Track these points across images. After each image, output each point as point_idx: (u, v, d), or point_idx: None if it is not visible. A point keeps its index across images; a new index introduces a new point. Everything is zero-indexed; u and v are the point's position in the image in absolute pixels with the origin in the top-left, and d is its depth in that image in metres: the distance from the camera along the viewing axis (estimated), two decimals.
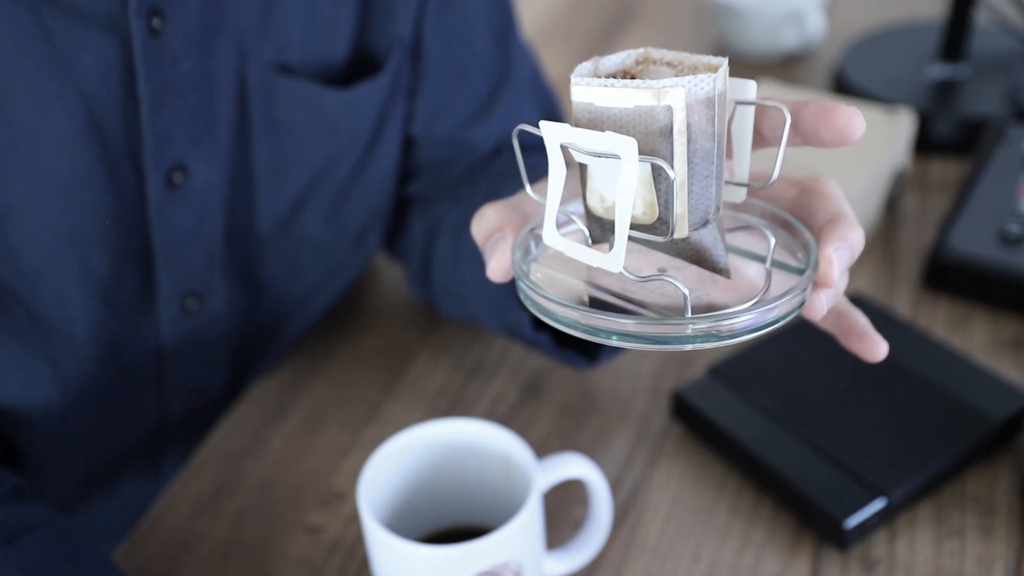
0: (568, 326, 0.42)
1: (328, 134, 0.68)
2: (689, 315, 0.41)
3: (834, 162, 0.79)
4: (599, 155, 0.40)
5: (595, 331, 0.42)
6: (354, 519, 0.65)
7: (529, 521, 0.53)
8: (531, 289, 0.43)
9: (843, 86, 0.97)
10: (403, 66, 0.70)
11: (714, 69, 0.41)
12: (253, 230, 0.70)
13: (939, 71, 0.96)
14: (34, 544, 0.55)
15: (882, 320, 0.70)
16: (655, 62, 0.43)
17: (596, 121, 0.41)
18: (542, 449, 0.68)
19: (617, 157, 0.39)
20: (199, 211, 0.65)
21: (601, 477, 0.57)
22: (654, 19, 1.17)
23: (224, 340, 0.73)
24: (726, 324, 0.41)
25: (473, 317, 0.72)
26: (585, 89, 0.41)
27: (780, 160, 0.44)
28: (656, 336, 0.41)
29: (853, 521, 0.59)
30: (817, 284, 0.43)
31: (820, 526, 0.60)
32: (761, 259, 0.46)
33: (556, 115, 0.80)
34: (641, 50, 0.44)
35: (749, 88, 0.44)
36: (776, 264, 0.45)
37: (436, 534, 0.60)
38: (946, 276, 0.76)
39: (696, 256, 0.44)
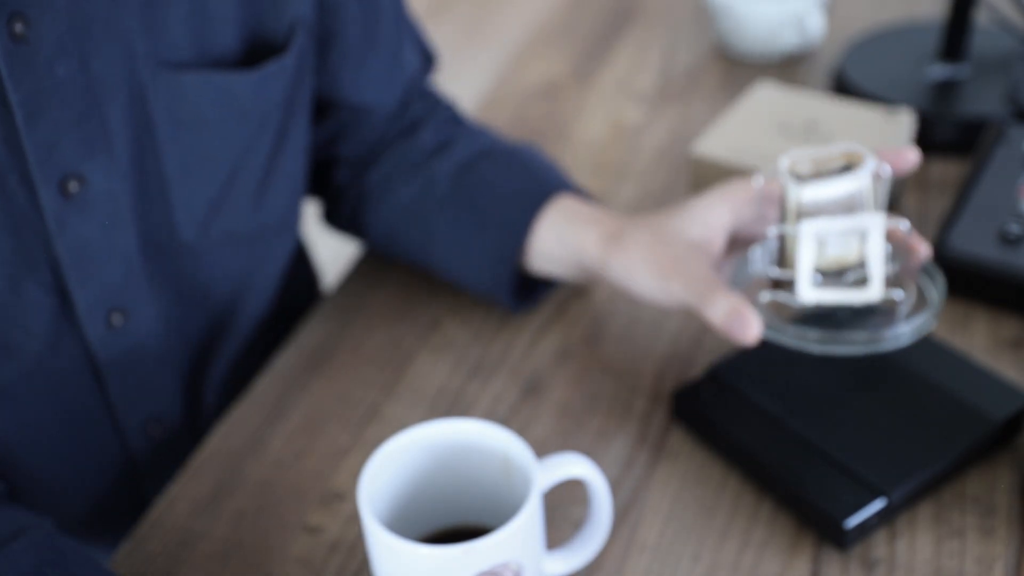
0: (810, 348, 0.61)
1: (239, 122, 0.67)
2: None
3: None
4: (844, 233, 0.60)
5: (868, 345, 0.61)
6: (354, 519, 0.65)
7: (529, 521, 0.53)
8: (793, 336, 0.61)
9: (843, 86, 0.97)
10: (307, 47, 0.69)
11: (858, 158, 0.61)
12: (174, 238, 0.69)
13: (939, 71, 0.96)
14: (21, 551, 0.54)
15: None
16: (850, 156, 0.61)
17: (820, 205, 0.60)
18: (542, 449, 0.68)
19: (863, 231, 0.60)
20: (105, 222, 0.64)
21: (601, 477, 0.57)
22: (654, 19, 1.17)
23: (165, 357, 0.72)
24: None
25: (437, 272, 0.77)
26: (813, 189, 0.59)
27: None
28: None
29: (853, 521, 0.59)
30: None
31: (820, 526, 0.60)
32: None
33: (427, 48, 0.81)
34: (843, 147, 0.62)
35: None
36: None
37: (436, 534, 0.60)
38: (946, 276, 0.76)
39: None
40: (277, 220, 0.74)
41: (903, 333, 0.61)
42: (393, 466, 0.57)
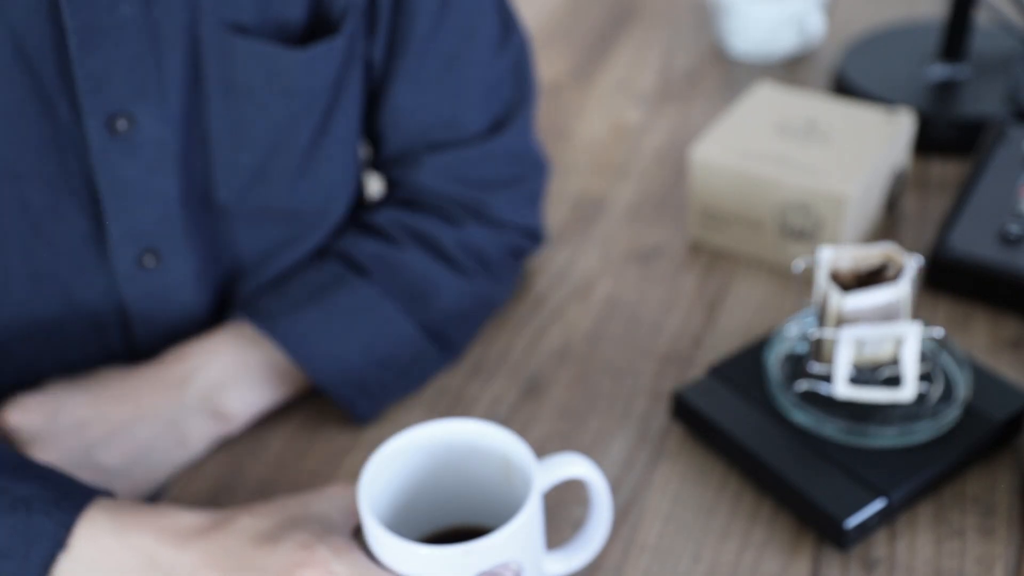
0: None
1: (285, 96, 0.67)
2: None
3: (834, 162, 0.79)
4: (880, 340, 0.62)
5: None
6: None
7: (529, 521, 0.53)
8: (819, 423, 0.63)
9: (843, 86, 0.97)
10: (358, 30, 0.69)
11: (896, 257, 0.63)
12: (214, 198, 0.69)
13: (939, 71, 0.96)
14: None
15: None
16: (887, 256, 0.64)
17: (860, 312, 0.62)
18: (542, 449, 0.68)
19: (899, 336, 0.62)
20: (148, 165, 0.65)
21: (601, 477, 0.57)
22: (654, 19, 1.17)
23: (195, 312, 0.72)
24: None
25: None
26: (854, 299, 0.61)
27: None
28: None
29: (853, 521, 0.59)
30: None
31: (820, 526, 0.60)
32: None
33: (526, 67, 0.78)
34: (882, 247, 0.64)
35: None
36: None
37: (436, 534, 0.60)
38: (946, 276, 0.76)
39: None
40: (314, 208, 0.73)
41: (928, 428, 0.62)
42: (393, 466, 0.57)
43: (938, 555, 0.60)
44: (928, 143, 0.91)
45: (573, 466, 0.56)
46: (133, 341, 0.71)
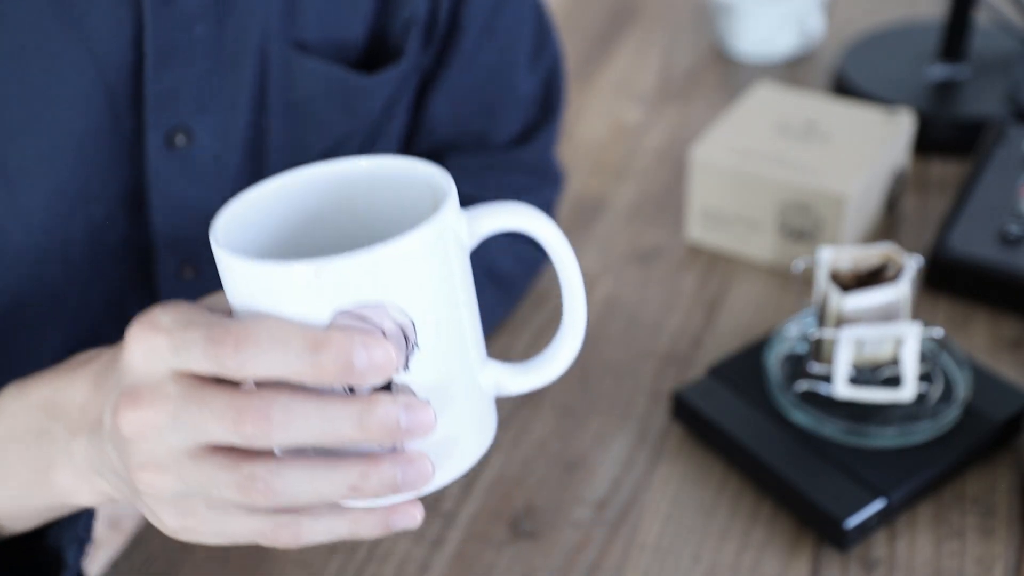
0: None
1: (345, 116, 0.68)
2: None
3: (834, 162, 0.79)
4: (879, 340, 0.63)
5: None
6: None
7: (424, 250, 0.38)
8: (818, 423, 0.63)
9: (843, 86, 0.97)
10: (419, 49, 0.70)
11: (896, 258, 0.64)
12: None
13: (939, 71, 0.96)
14: None
15: None
16: (887, 256, 0.64)
17: (860, 312, 0.62)
18: (542, 450, 0.68)
19: (899, 336, 0.62)
20: (201, 182, 0.65)
21: (560, 235, 0.44)
22: (654, 19, 1.17)
23: None
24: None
25: None
26: (854, 299, 0.62)
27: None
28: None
29: (853, 521, 0.59)
30: None
31: (820, 526, 0.60)
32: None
33: (557, 82, 0.79)
34: (882, 247, 0.64)
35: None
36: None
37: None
38: (946, 276, 0.76)
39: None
40: None
41: (928, 428, 0.62)
42: (295, 196, 0.45)
43: (938, 555, 0.60)
44: (928, 143, 0.91)
45: (517, 216, 0.42)
46: None
